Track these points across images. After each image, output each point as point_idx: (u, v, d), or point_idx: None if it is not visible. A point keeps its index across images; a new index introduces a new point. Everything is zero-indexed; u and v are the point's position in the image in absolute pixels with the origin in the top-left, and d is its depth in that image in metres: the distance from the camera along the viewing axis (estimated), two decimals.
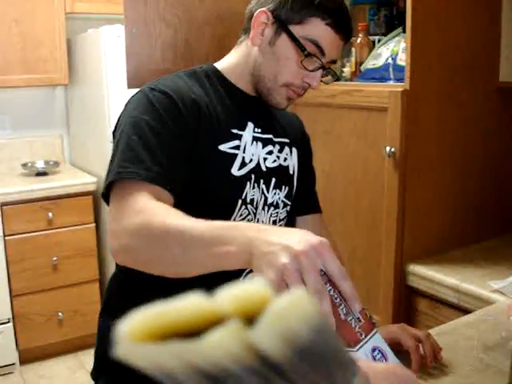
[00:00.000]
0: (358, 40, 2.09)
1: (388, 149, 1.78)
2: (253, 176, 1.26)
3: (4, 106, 3.83)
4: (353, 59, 2.10)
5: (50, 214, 3.27)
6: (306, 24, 1.20)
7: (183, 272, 0.91)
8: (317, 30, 1.19)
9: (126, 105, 1.20)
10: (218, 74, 1.31)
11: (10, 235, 3.18)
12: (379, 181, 1.88)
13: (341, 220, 2.06)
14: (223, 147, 1.22)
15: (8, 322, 3.21)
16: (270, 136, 1.33)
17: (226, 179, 1.22)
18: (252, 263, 0.78)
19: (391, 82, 1.89)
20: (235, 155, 1.23)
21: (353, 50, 2.11)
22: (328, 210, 1.57)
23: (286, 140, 1.38)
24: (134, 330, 0.41)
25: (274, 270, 0.73)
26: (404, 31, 1.92)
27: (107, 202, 1.07)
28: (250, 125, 1.28)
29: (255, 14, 1.25)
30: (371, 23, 2.22)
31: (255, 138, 1.29)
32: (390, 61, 1.91)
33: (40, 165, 3.72)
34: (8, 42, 3.43)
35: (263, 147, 1.30)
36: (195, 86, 1.25)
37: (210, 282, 0.72)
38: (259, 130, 1.30)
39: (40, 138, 3.97)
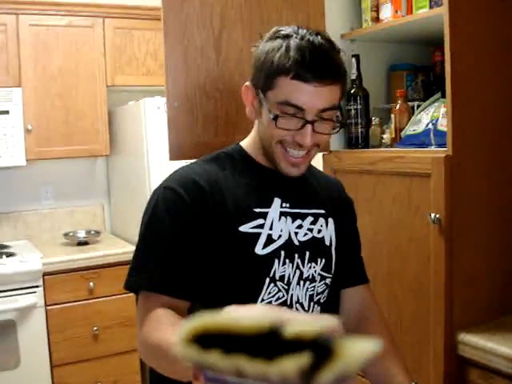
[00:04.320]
0: (397, 106, 2.10)
1: (433, 215, 1.75)
2: (282, 252, 1.24)
3: (47, 177, 3.92)
4: (392, 125, 2.10)
5: (91, 284, 3.28)
6: (276, 87, 1.17)
7: (179, 378, 1.02)
8: (286, 88, 1.15)
9: (148, 203, 1.27)
10: (242, 153, 1.32)
11: (52, 305, 3.19)
12: (425, 248, 1.84)
13: (386, 288, 2.01)
14: (244, 228, 1.21)
15: None
16: (300, 210, 1.30)
17: (249, 260, 1.21)
18: None
19: (432, 148, 1.88)
20: (258, 234, 1.22)
21: (392, 116, 2.11)
22: (372, 277, 1.53)
23: (321, 211, 1.35)
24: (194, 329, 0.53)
25: None
26: (443, 96, 1.93)
27: (133, 292, 1.24)
28: (277, 200, 1.27)
29: (242, 91, 1.27)
30: (409, 89, 2.23)
31: (283, 214, 1.27)
32: (430, 126, 1.91)
33: (81, 234, 3.78)
34: (51, 115, 3.55)
35: (293, 221, 1.28)
36: (215, 170, 1.27)
37: None
38: (287, 205, 1.28)
39: (81, 207, 4.04)
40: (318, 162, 2.15)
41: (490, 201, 1.86)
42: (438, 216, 1.75)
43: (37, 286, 3.14)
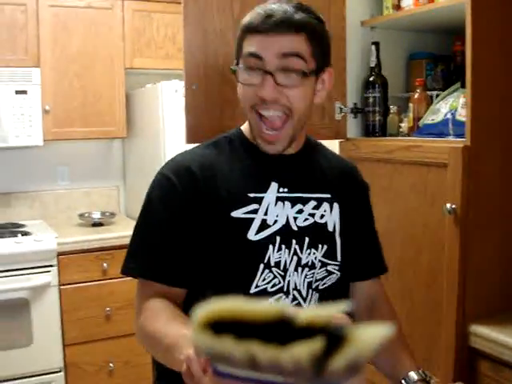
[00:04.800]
0: (416, 95, 2.08)
1: (449, 205, 1.74)
2: (278, 238, 1.22)
3: (63, 158, 3.95)
4: (410, 114, 2.08)
5: (105, 265, 3.30)
6: (243, 49, 1.20)
7: (172, 367, 1.01)
8: (249, 43, 1.18)
9: (148, 189, 1.30)
10: (241, 137, 1.31)
11: (65, 284, 3.22)
12: (439, 238, 1.83)
13: (399, 278, 2.01)
14: (236, 213, 1.20)
15: (60, 371, 3.23)
16: (301, 194, 1.27)
17: (241, 245, 1.20)
18: None
19: (450, 138, 1.86)
20: (252, 219, 1.21)
21: (410, 105, 2.10)
22: None
23: (326, 195, 1.30)
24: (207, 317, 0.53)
25: None
26: (462, 86, 1.91)
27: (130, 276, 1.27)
28: (274, 185, 1.25)
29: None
30: (428, 78, 2.22)
31: (280, 198, 1.24)
32: (449, 116, 1.89)
33: (96, 215, 3.80)
34: (69, 96, 3.56)
35: (292, 206, 1.25)
36: (212, 155, 1.27)
37: None
38: (285, 190, 1.25)
39: (97, 189, 4.07)
40: (334, 149, 2.14)
41: (507, 193, 1.84)
42: (453, 206, 1.74)
43: (51, 266, 3.17)
